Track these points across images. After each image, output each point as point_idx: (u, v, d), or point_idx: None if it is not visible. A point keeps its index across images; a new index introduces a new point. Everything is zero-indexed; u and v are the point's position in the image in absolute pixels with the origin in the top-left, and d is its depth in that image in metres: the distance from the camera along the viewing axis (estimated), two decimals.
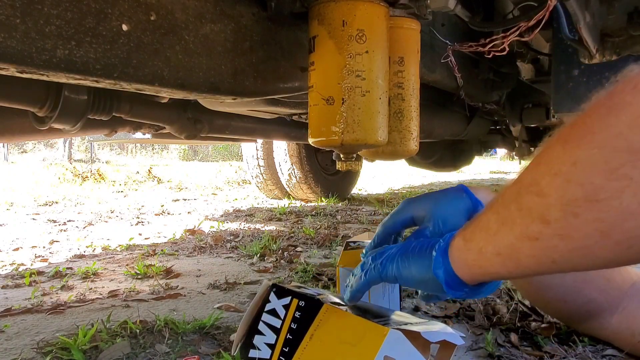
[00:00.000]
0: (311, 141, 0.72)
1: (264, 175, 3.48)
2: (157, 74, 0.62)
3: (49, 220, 2.79)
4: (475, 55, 1.58)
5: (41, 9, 0.51)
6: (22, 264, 1.62)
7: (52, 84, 0.84)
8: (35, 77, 0.54)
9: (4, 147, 13.16)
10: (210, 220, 2.68)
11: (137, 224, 2.59)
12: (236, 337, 0.69)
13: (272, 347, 0.63)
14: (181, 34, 0.64)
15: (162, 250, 1.80)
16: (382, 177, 6.37)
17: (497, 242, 0.46)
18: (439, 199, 0.62)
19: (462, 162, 3.37)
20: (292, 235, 2.07)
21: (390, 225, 0.66)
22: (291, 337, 0.62)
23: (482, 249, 0.48)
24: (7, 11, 0.48)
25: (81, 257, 1.75)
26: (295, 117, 1.56)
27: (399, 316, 0.63)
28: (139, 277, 1.40)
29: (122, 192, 4.86)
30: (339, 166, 0.75)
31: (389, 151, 0.88)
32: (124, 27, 0.58)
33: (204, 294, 1.23)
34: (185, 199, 4.00)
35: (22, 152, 15.28)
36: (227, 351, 0.82)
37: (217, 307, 1.11)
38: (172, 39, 0.63)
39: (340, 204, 3.28)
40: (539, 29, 1.06)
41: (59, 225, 2.60)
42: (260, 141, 3.32)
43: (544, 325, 0.90)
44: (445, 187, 0.65)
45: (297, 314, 0.63)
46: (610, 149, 0.35)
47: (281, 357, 0.62)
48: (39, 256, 1.77)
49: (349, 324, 0.58)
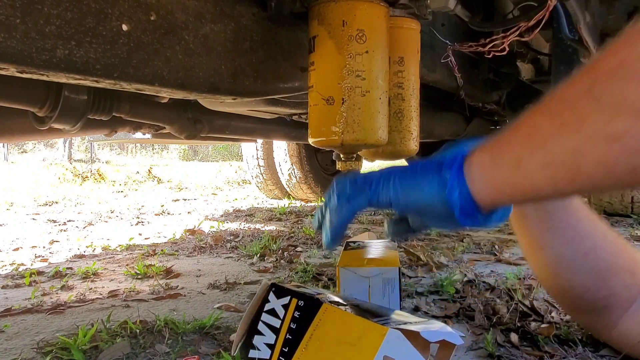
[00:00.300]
0: (311, 141, 0.72)
1: (264, 175, 3.48)
2: (157, 74, 0.62)
3: (49, 220, 2.79)
4: (475, 55, 1.58)
5: (41, 9, 0.51)
6: (22, 264, 1.62)
7: (52, 84, 0.84)
8: (35, 77, 0.54)
9: (4, 147, 13.16)
10: (210, 220, 2.68)
11: (137, 224, 2.59)
12: (236, 337, 0.69)
13: (271, 347, 0.63)
14: (181, 34, 0.64)
15: (162, 250, 1.80)
16: None
17: (550, 149, 0.36)
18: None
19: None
20: (292, 235, 2.07)
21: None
22: (291, 337, 0.62)
23: (523, 161, 0.38)
24: (7, 11, 0.48)
25: (81, 257, 1.75)
26: (295, 117, 1.56)
27: (399, 316, 0.63)
28: (139, 277, 1.40)
29: (122, 192, 4.86)
30: (339, 166, 0.75)
31: (389, 151, 0.88)
32: (124, 27, 0.58)
33: (204, 294, 1.23)
34: (185, 199, 4.00)
35: (22, 152, 15.28)
36: (227, 351, 0.82)
37: (217, 307, 1.11)
38: (172, 39, 0.63)
39: None
40: (539, 29, 1.07)
41: (59, 225, 2.60)
42: (260, 141, 3.32)
43: (544, 325, 0.90)
44: None
45: (297, 314, 0.63)
46: None
47: (281, 357, 0.62)
48: (39, 256, 1.77)
49: (348, 323, 0.58)
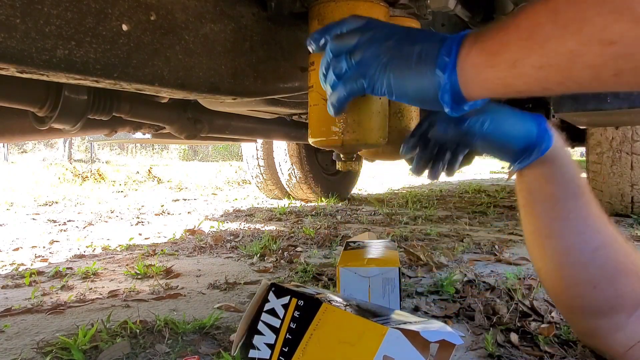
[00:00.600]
0: (311, 141, 0.72)
1: (264, 175, 3.48)
2: (157, 74, 0.62)
3: (49, 220, 2.79)
4: None
5: (41, 9, 0.51)
6: (22, 264, 1.62)
7: (52, 84, 0.84)
8: (35, 77, 0.54)
9: (4, 147, 13.16)
10: (210, 220, 2.68)
11: (137, 224, 2.59)
12: (236, 337, 0.69)
13: (271, 347, 0.63)
14: (181, 34, 0.64)
15: (162, 250, 1.80)
16: (382, 177, 6.37)
17: (547, 50, 0.37)
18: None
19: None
20: (292, 235, 2.07)
21: None
22: (290, 337, 0.62)
23: (518, 62, 0.39)
24: (7, 11, 0.48)
25: (81, 257, 1.75)
26: (295, 117, 1.57)
27: (399, 315, 0.63)
28: (139, 277, 1.40)
29: (122, 192, 4.86)
30: (339, 166, 0.75)
31: (389, 151, 0.88)
32: (124, 27, 0.58)
33: (204, 294, 1.23)
34: (185, 199, 4.00)
35: (22, 152, 15.29)
36: (227, 351, 0.83)
37: (217, 307, 1.11)
38: (172, 39, 0.63)
39: (340, 204, 3.28)
40: None
41: (59, 225, 2.60)
42: (260, 141, 3.32)
43: (544, 325, 0.90)
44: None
45: (296, 314, 0.63)
46: None
47: (281, 357, 0.62)
48: (39, 256, 1.77)
49: (348, 323, 0.58)
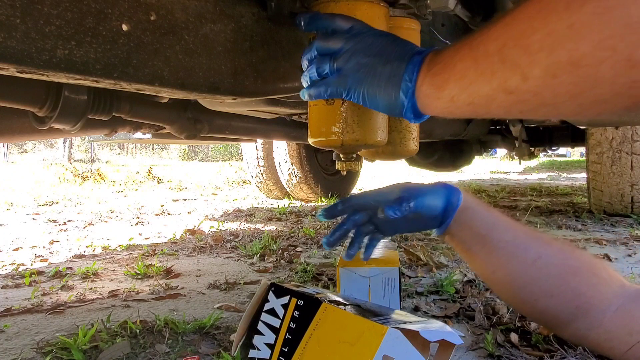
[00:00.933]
0: (311, 141, 0.72)
1: (264, 175, 3.48)
2: (157, 74, 0.62)
3: (49, 220, 2.79)
4: None
5: (41, 9, 0.51)
6: (22, 264, 1.62)
7: (52, 84, 0.84)
8: (35, 77, 0.54)
9: (4, 147, 13.16)
10: (210, 220, 2.68)
11: (137, 224, 2.59)
12: (236, 337, 0.69)
13: (271, 347, 0.64)
14: (181, 34, 0.64)
15: (162, 250, 1.80)
16: (382, 177, 6.37)
17: (472, 92, 0.47)
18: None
19: (462, 162, 3.37)
20: (292, 235, 2.07)
21: None
22: (290, 337, 0.62)
23: (455, 98, 0.49)
24: (7, 11, 0.48)
25: (81, 257, 1.75)
26: (295, 117, 1.56)
27: (398, 315, 0.63)
28: (139, 277, 1.40)
29: (122, 192, 4.86)
30: (338, 166, 0.75)
31: (389, 151, 0.88)
32: (124, 27, 0.58)
33: (204, 294, 1.23)
34: (185, 199, 4.00)
35: (22, 152, 15.28)
36: (227, 351, 0.83)
37: (217, 307, 1.11)
38: (172, 39, 0.63)
39: None
40: None
41: (59, 225, 2.60)
42: (260, 141, 3.32)
43: None
44: None
45: (296, 314, 0.63)
46: (609, 17, 0.35)
47: (281, 357, 0.62)
48: (39, 256, 1.77)
49: (347, 323, 0.58)
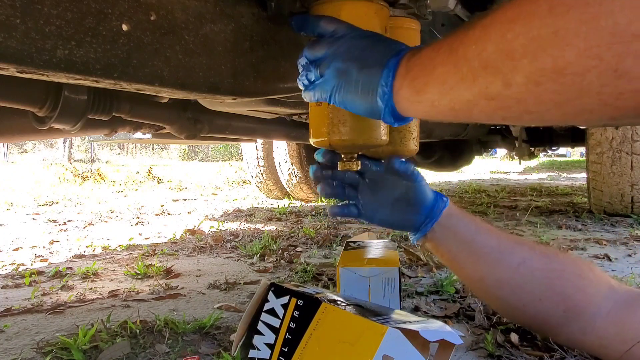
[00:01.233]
0: (312, 142, 0.73)
1: (264, 175, 3.48)
2: (157, 74, 0.62)
3: (49, 220, 2.79)
4: None
5: (41, 9, 0.51)
6: (22, 264, 1.62)
7: (52, 84, 0.84)
8: (35, 77, 0.54)
9: (4, 147, 13.16)
10: (210, 220, 2.68)
11: (137, 224, 2.59)
12: (236, 337, 0.69)
13: (271, 347, 0.64)
14: (181, 34, 0.64)
15: (162, 250, 1.80)
16: None
17: (453, 97, 0.46)
18: None
19: (462, 162, 3.38)
20: (292, 235, 2.07)
21: None
22: (290, 337, 0.62)
23: (435, 103, 0.48)
24: (7, 11, 0.48)
25: (81, 257, 1.75)
26: (295, 117, 1.56)
27: (398, 315, 0.63)
28: (139, 277, 1.40)
29: (122, 192, 4.86)
30: (338, 166, 0.75)
31: (389, 151, 0.88)
32: (124, 27, 0.58)
33: (204, 294, 1.23)
34: (185, 199, 4.00)
35: (22, 152, 15.28)
36: (227, 351, 0.83)
37: (217, 307, 1.11)
38: (172, 39, 0.63)
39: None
40: None
41: (59, 225, 2.60)
42: (260, 141, 3.32)
43: None
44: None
45: (296, 313, 0.63)
46: (595, 25, 0.34)
47: (281, 357, 0.62)
48: (39, 256, 1.77)
49: (347, 322, 0.58)
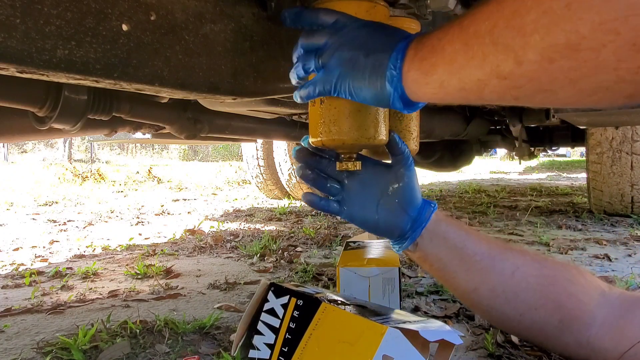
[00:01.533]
0: (311, 141, 0.72)
1: (264, 175, 3.48)
2: (157, 74, 0.62)
3: (49, 220, 2.79)
4: None
5: (41, 9, 0.51)
6: (22, 264, 1.62)
7: (52, 84, 0.84)
8: (35, 77, 0.54)
9: (4, 147, 13.16)
10: (210, 220, 2.68)
11: (137, 224, 2.59)
12: (236, 337, 0.69)
13: (271, 347, 0.64)
14: (181, 34, 0.64)
15: (162, 250, 1.80)
16: None
17: (462, 76, 0.44)
18: None
19: (462, 162, 3.37)
20: (292, 235, 2.07)
21: None
22: (290, 337, 0.62)
23: (445, 83, 0.47)
24: (7, 11, 0.48)
25: (81, 257, 1.75)
26: (295, 117, 1.56)
27: (398, 315, 0.63)
28: (139, 277, 1.40)
29: (122, 192, 4.86)
30: (337, 167, 0.74)
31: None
32: (124, 27, 0.58)
33: (204, 294, 1.23)
34: (185, 199, 4.00)
35: (22, 152, 15.29)
36: (227, 351, 0.83)
37: (217, 307, 1.11)
38: (172, 39, 0.63)
39: None
40: None
41: (59, 225, 2.60)
42: (260, 141, 3.32)
43: None
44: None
45: (296, 313, 0.63)
46: None
47: (280, 357, 0.62)
48: (39, 256, 1.77)
49: (347, 322, 0.58)
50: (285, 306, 0.65)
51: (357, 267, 0.88)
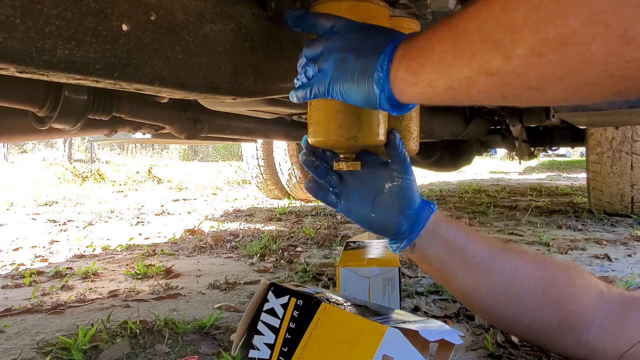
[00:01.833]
0: (310, 141, 0.72)
1: (264, 175, 3.48)
2: (157, 74, 0.62)
3: (49, 220, 2.79)
4: None
5: (41, 9, 0.51)
6: (22, 264, 1.62)
7: (52, 84, 0.84)
8: (35, 77, 0.54)
9: (4, 147, 13.16)
10: (210, 220, 2.68)
11: (137, 224, 2.59)
12: (236, 337, 0.69)
13: (271, 347, 0.64)
14: (181, 34, 0.64)
15: (162, 250, 1.80)
16: None
17: (450, 75, 0.45)
18: None
19: (462, 162, 3.37)
20: (292, 235, 2.07)
21: None
22: (290, 337, 0.62)
23: (432, 83, 0.47)
24: (7, 11, 0.48)
25: (81, 257, 1.75)
26: (295, 117, 1.56)
27: (398, 315, 0.63)
28: (139, 277, 1.40)
29: (122, 192, 4.86)
30: (334, 166, 0.74)
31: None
32: (124, 27, 0.58)
33: (204, 294, 1.23)
34: (185, 199, 4.00)
35: (22, 152, 15.29)
36: (227, 351, 0.83)
37: (217, 307, 1.11)
38: (172, 39, 0.63)
39: None
40: None
41: (59, 225, 2.60)
42: (260, 141, 3.33)
43: None
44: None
45: (296, 313, 0.63)
46: None
47: (280, 357, 0.62)
48: (39, 256, 1.77)
49: (347, 322, 0.58)
50: (285, 306, 0.65)
51: (357, 267, 0.88)
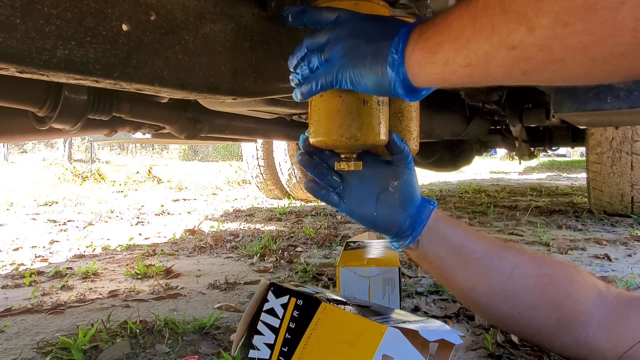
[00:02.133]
0: (310, 141, 0.72)
1: (264, 175, 3.48)
2: (157, 74, 0.62)
3: (49, 220, 2.79)
4: None
5: (41, 9, 0.51)
6: (22, 264, 1.62)
7: (52, 84, 0.84)
8: (35, 77, 0.54)
9: (4, 147, 13.16)
10: (210, 220, 2.68)
11: (137, 224, 2.59)
12: (236, 337, 0.69)
13: (271, 347, 0.64)
14: (181, 34, 0.64)
15: (162, 250, 1.80)
16: None
17: (469, 51, 0.43)
18: None
19: (462, 162, 3.37)
20: (292, 235, 2.07)
21: None
22: (290, 337, 0.62)
23: (450, 61, 0.46)
24: (7, 11, 0.48)
25: (81, 257, 1.75)
26: (295, 117, 1.56)
27: (398, 315, 0.63)
28: (139, 277, 1.40)
29: (122, 192, 4.86)
30: (335, 166, 0.74)
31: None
32: (124, 27, 0.58)
33: (204, 294, 1.23)
34: (185, 199, 4.00)
35: (22, 152, 15.29)
36: (227, 351, 0.83)
37: (217, 307, 1.11)
38: (172, 39, 0.63)
39: None
40: None
41: (59, 225, 2.60)
42: (260, 141, 3.33)
43: None
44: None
45: (295, 313, 0.63)
46: None
47: (280, 357, 0.62)
48: (39, 256, 1.77)
49: (347, 322, 0.58)
50: (285, 306, 0.65)
51: (357, 267, 0.88)
